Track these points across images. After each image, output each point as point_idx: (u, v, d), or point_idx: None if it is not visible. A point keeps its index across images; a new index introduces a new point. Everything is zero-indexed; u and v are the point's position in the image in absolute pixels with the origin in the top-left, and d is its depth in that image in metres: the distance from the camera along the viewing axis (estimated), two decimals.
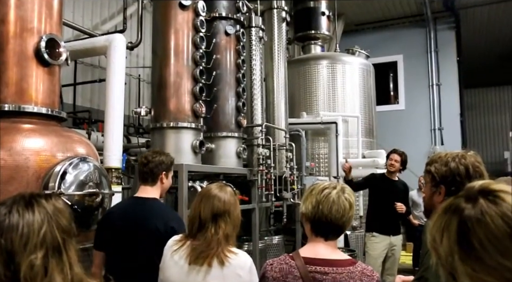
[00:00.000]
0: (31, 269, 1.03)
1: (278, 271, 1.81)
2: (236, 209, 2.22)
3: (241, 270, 2.08)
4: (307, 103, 8.20)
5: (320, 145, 8.03)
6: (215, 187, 2.24)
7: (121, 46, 4.07)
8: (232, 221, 2.16)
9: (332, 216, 1.80)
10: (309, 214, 1.85)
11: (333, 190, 1.85)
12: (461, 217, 0.82)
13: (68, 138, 3.00)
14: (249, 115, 5.88)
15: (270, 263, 1.88)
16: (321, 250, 1.83)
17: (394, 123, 11.44)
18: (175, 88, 4.58)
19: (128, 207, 2.75)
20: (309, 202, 1.86)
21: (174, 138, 4.54)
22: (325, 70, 8.33)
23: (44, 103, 2.93)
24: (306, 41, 9.24)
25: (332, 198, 1.82)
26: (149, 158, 2.76)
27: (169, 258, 2.17)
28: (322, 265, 1.77)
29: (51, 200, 1.18)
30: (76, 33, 5.92)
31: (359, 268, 1.79)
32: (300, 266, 1.77)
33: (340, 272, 1.75)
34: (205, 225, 2.12)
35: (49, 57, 2.90)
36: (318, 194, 1.85)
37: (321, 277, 1.74)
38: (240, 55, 5.53)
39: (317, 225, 1.84)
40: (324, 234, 1.85)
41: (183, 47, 4.66)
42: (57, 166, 2.70)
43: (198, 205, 2.18)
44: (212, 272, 2.04)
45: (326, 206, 1.81)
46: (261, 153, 5.63)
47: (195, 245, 2.11)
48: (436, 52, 12.00)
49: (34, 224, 1.08)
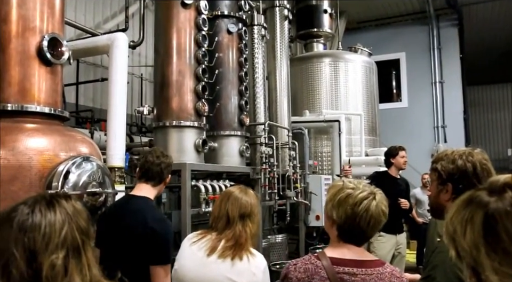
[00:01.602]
0: (52, 269, 1.04)
1: (303, 271, 1.70)
2: (258, 211, 2.35)
3: (256, 269, 2.15)
4: (310, 101, 8.18)
5: (323, 143, 8.02)
6: (239, 190, 2.35)
7: (124, 45, 4.06)
8: (256, 222, 2.29)
9: (369, 229, 1.72)
10: (341, 224, 1.73)
11: (372, 202, 1.71)
12: (487, 210, 0.81)
13: (70, 137, 2.98)
14: (252, 113, 5.86)
15: (294, 263, 1.78)
16: (347, 251, 1.75)
17: (397, 120, 11.42)
18: (177, 87, 4.57)
19: (115, 205, 2.78)
20: (343, 211, 1.71)
21: (176, 137, 4.53)
22: (328, 68, 8.31)
23: (47, 102, 2.92)
24: (309, 39, 9.22)
25: (371, 212, 1.70)
26: (161, 159, 2.77)
27: (187, 248, 2.24)
28: (350, 265, 1.69)
29: (71, 201, 1.19)
30: (78, 33, 5.91)
31: (388, 270, 1.73)
32: (326, 267, 1.67)
33: (370, 273, 1.68)
34: (233, 222, 2.20)
35: (52, 57, 2.89)
36: (356, 206, 1.69)
37: (349, 278, 1.66)
38: (242, 54, 5.52)
39: (348, 235, 1.75)
40: (355, 242, 1.77)
41: (186, 46, 4.65)
42: (60, 166, 2.69)
43: (224, 205, 2.27)
44: (233, 266, 2.12)
45: (364, 221, 1.69)
46: (264, 152, 5.62)
47: (220, 239, 2.19)
48: (439, 49, 11.97)
49: (56, 224, 1.09)
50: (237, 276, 2.11)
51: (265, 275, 2.18)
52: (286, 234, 6.45)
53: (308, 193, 6.86)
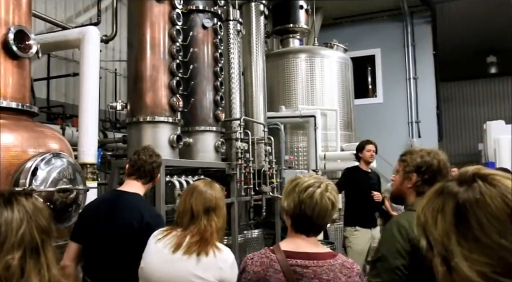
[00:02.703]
0: (7, 270, 0.99)
1: (259, 265, 1.80)
2: (224, 205, 2.31)
3: (224, 264, 2.12)
4: (286, 96, 8.20)
5: (299, 138, 8.05)
6: (203, 184, 2.31)
7: (95, 39, 3.98)
8: (222, 216, 2.25)
9: (314, 216, 1.79)
10: (291, 212, 1.84)
11: (317, 189, 1.80)
12: (458, 199, 0.84)
13: (40, 133, 2.92)
14: (227, 108, 5.84)
15: (251, 257, 1.87)
16: (302, 244, 1.83)
17: (372, 116, 11.55)
18: (151, 82, 4.51)
19: (104, 201, 2.72)
20: (291, 200, 1.83)
21: (151, 132, 4.48)
22: (304, 64, 8.34)
23: (14, 97, 2.84)
24: (285, 35, 9.23)
25: (315, 199, 1.78)
26: (153, 158, 2.81)
27: (153, 245, 2.20)
28: (303, 258, 1.77)
29: (31, 198, 1.15)
30: (49, 26, 5.77)
31: (339, 261, 1.80)
32: (280, 260, 1.76)
33: (321, 265, 1.75)
34: (198, 217, 2.17)
35: (18, 50, 2.81)
36: (301, 193, 1.80)
37: (302, 270, 1.74)
38: (217, 49, 5.48)
39: (299, 223, 1.84)
40: (305, 232, 1.85)
41: (160, 41, 4.59)
42: (29, 162, 2.63)
43: (189, 199, 2.23)
44: (199, 262, 2.09)
45: (309, 208, 1.78)
46: (240, 147, 5.61)
47: (184, 235, 2.15)
48: (413, 45, 12.15)
49: (13, 222, 1.05)
50: (203, 272, 2.08)
51: (232, 270, 2.15)
52: (262, 229, 6.46)
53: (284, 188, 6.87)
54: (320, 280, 1.72)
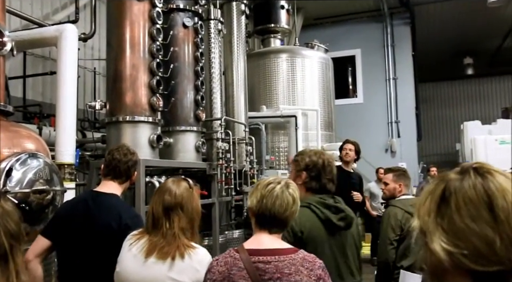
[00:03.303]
0: None
1: (223, 264, 1.85)
2: (191, 202, 2.19)
3: (199, 265, 2.07)
4: (267, 96, 8.21)
5: (280, 138, 8.07)
6: (170, 182, 2.23)
7: (73, 37, 3.90)
8: (187, 215, 2.14)
9: (275, 210, 1.88)
10: (254, 208, 1.92)
11: (277, 185, 1.92)
12: (448, 184, 0.90)
13: (15, 133, 2.85)
14: (208, 108, 5.81)
15: (216, 258, 1.93)
16: (265, 241, 1.90)
17: (352, 116, 11.65)
18: (131, 81, 4.45)
19: (81, 201, 2.62)
20: (254, 196, 1.93)
21: (130, 132, 4.42)
22: (285, 64, 8.35)
23: None
24: (266, 35, 9.23)
25: (275, 193, 1.90)
26: (128, 156, 2.70)
27: (127, 251, 2.15)
28: (265, 254, 1.83)
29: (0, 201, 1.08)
30: (24, 23, 5.64)
31: (300, 255, 1.86)
32: (243, 258, 1.82)
33: (282, 260, 1.82)
34: (158, 221, 2.11)
35: None
36: (263, 189, 1.92)
37: (264, 266, 1.80)
38: (198, 48, 5.44)
39: (261, 219, 1.92)
40: (267, 227, 1.92)
41: (139, 39, 4.53)
42: (3, 163, 2.56)
43: (152, 201, 2.19)
44: (173, 266, 2.04)
45: (269, 201, 1.89)
46: (221, 147, 5.58)
47: (152, 241, 2.09)
48: (393, 46, 12.30)
49: None
50: (178, 275, 2.03)
51: None
52: (243, 230, 6.44)
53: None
54: (282, 274, 1.79)
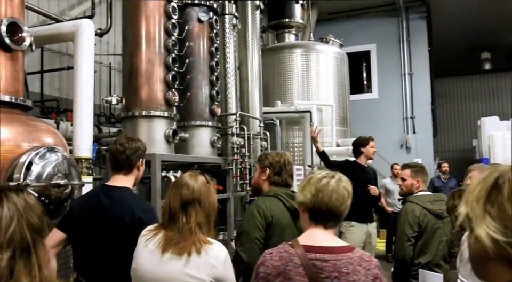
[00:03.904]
0: None
1: (278, 259, 1.80)
2: (208, 197, 2.17)
3: (216, 260, 2.04)
4: (281, 92, 8.18)
5: (294, 133, 8.04)
6: (187, 176, 2.20)
7: (89, 32, 3.91)
8: (204, 210, 2.12)
9: (332, 204, 1.84)
10: (308, 203, 1.87)
11: (331, 179, 1.88)
12: (502, 172, 0.89)
13: (34, 127, 2.87)
14: (223, 103, 5.80)
15: (269, 252, 1.87)
16: (320, 238, 1.84)
17: (367, 111, 11.56)
18: (146, 76, 4.46)
19: (94, 196, 2.61)
20: (308, 191, 1.88)
21: (146, 127, 4.43)
22: (299, 59, 8.31)
23: (7, 91, 2.79)
24: (280, 30, 9.19)
25: (331, 187, 1.85)
26: (125, 145, 2.60)
27: (143, 246, 2.13)
28: (321, 252, 1.78)
29: (22, 194, 1.07)
30: (42, 19, 5.68)
31: (357, 254, 1.82)
32: (300, 254, 1.77)
33: (339, 259, 1.77)
34: (175, 215, 2.08)
35: (11, 42, 2.75)
36: (317, 183, 1.87)
37: (321, 264, 1.75)
38: (213, 43, 5.43)
39: (317, 213, 1.87)
40: (323, 222, 1.87)
41: (155, 34, 4.54)
42: (23, 157, 2.58)
43: (168, 195, 2.16)
44: (190, 262, 2.01)
45: (326, 195, 1.84)
46: (235, 142, 5.58)
47: (168, 236, 2.07)
48: (408, 41, 12.15)
49: (2, 221, 0.99)
50: (196, 271, 2.00)
51: (226, 265, 2.08)
52: None
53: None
54: (340, 273, 1.74)
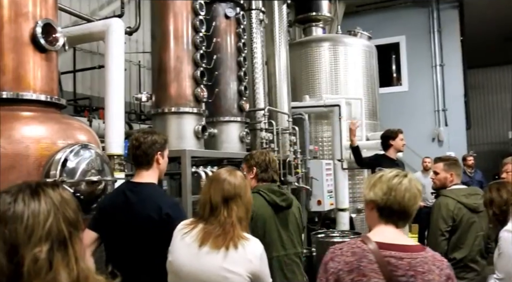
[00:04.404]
0: (35, 263, 0.96)
1: (351, 255, 1.76)
2: (247, 192, 2.21)
3: (252, 256, 2.06)
4: (309, 86, 8.12)
5: (323, 128, 7.97)
6: (224, 172, 2.23)
7: (119, 31, 3.97)
8: (244, 205, 2.15)
9: (405, 203, 1.80)
10: (379, 201, 1.83)
11: (404, 178, 1.84)
12: None
13: (68, 125, 2.94)
14: (251, 99, 5.81)
15: (339, 247, 1.83)
16: (392, 236, 1.80)
17: (397, 104, 11.35)
18: (175, 73, 4.51)
19: (120, 193, 2.63)
20: (379, 189, 1.83)
21: (175, 123, 4.48)
22: (327, 53, 8.22)
23: (43, 90, 2.87)
24: (308, 24, 9.11)
25: (404, 185, 1.81)
26: (140, 140, 2.60)
27: (180, 240, 2.14)
28: (396, 250, 1.74)
29: (58, 189, 1.10)
30: (74, 19, 5.82)
31: (430, 254, 1.79)
32: (374, 250, 1.73)
33: (414, 257, 1.73)
34: (217, 209, 2.10)
35: (46, 43, 2.82)
36: (389, 181, 1.83)
37: (396, 262, 1.71)
38: (240, 39, 5.44)
39: (388, 212, 1.82)
40: (394, 221, 1.83)
41: (183, 31, 4.57)
42: (58, 154, 2.65)
43: (208, 189, 2.17)
44: (227, 256, 2.03)
45: (399, 193, 1.80)
46: (264, 137, 5.58)
47: (208, 229, 2.09)
48: (439, 32, 11.84)
49: (40, 215, 1.01)
50: (232, 265, 2.01)
51: (262, 261, 2.09)
52: None
53: (309, 178, 6.84)
54: (416, 272, 1.70)
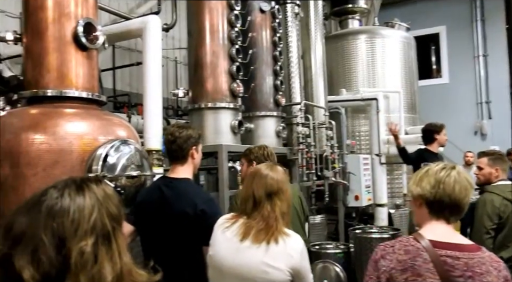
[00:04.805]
0: (81, 256, 0.99)
1: (404, 253, 1.68)
2: (288, 188, 2.21)
3: (293, 251, 2.05)
4: (346, 79, 7.99)
5: (360, 122, 7.84)
6: (265, 167, 2.23)
7: (157, 27, 4.03)
8: (286, 200, 2.15)
9: (455, 195, 1.71)
10: (428, 195, 1.74)
11: (452, 170, 1.76)
12: None
13: (108, 121, 3.01)
14: (287, 93, 5.77)
15: (390, 244, 1.75)
16: (445, 234, 1.71)
17: (437, 97, 11.03)
18: (211, 68, 4.54)
19: (156, 188, 2.65)
20: (427, 182, 1.75)
21: (212, 118, 4.52)
22: (364, 45, 8.06)
23: (84, 87, 2.95)
24: (344, 16, 8.96)
25: (453, 177, 1.73)
26: (175, 134, 2.59)
27: (221, 234, 2.15)
28: (452, 249, 1.65)
29: (101, 185, 1.13)
30: (113, 18, 5.95)
31: (487, 254, 1.70)
32: (428, 248, 1.65)
33: (472, 257, 1.64)
34: (260, 203, 2.10)
35: (87, 41, 2.90)
36: (436, 174, 1.75)
37: (453, 262, 1.62)
38: (276, 33, 5.41)
39: (438, 206, 1.73)
40: (445, 216, 1.74)
41: (218, 26, 4.60)
42: (100, 149, 2.71)
43: (250, 184, 2.17)
44: (268, 250, 2.02)
45: (448, 186, 1.71)
46: (301, 132, 5.54)
47: (250, 223, 2.09)
48: (482, 21, 11.40)
49: (85, 209, 1.04)
50: (273, 260, 2.00)
51: (302, 256, 2.08)
52: (324, 215, 6.39)
53: (346, 173, 6.76)
54: (474, 273, 1.61)
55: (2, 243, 0.99)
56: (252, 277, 2.02)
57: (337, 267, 5.15)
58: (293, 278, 2.06)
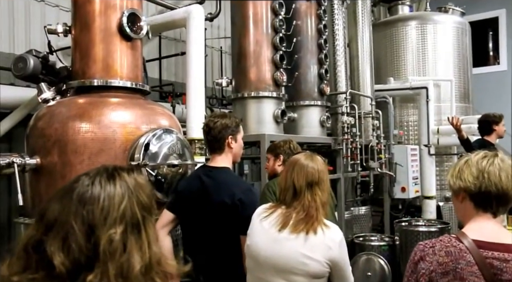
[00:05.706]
0: (110, 244, 1.00)
1: (445, 255, 1.53)
2: (328, 178, 2.19)
3: (332, 242, 2.01)
4: (394, 68, 7.72)
5: (409, 111, 7.56)
6: (304, 157, 2.19)
7: (199, 17, 4.04)
8: (327, 190, 2.14)
9: (502, 184, 1.55)
10: (471, 187, 1.59)
11: (494, 157, 1.61)
12: None
13: (151, 110, 3.07)
14: (332, 82, 5.67)
15: (430, 245, 1.60)
16: (492, 232, 1.57)
17: (493, 86, 10.44)
18: (255, 57, 4.52)
19: (196, 177, 2.64)
20: (468, 174, 1.60)
21: (255, 107, 4.51)
22: (414, 32, 7.74)
23: (128, 77, 3.02)
24: (393, 2, 8.63)
25: (497, 165, 1.58)
26: (210, 125, 2.55)
27: (258, 224, 2.14)
28: (499, 250, 1.49)
29: (133, 174, 1.13)
30: (160, 9, 6.04)
31: None
32: (472, 250, 1.51)
33: None
34: (301, 193, 2.08)
35: (131, 32, 2.96)
36: (478, 164, 1.60)
37: (500, 264, 1.47)
38: (321, 20, 5.31)
39: (484, 198, 1.58)
40: (492, 208, 1.59)
41: (262, 15, 4.56)
42: (142, 138, 2.77)
43: (290, 174, 2.14)
44: (307, 241, 2.00)
45: (493, 174, 1.56)
46: (346, 121, 5.43)
47: (289, 213, 2.07)
48: None
49: (115, 197, 1.05)
50: (311, 251, 1.98)
51: (341, 248, 2.04)
52: (369, 206, 6.27)
53: (392, 164, 6.58)
54: None
55: (36, 229, 1.02)
56: (290, 268, 2.00)
57: (381, 260, 5.05)
58: (331, 270, 2.02)
